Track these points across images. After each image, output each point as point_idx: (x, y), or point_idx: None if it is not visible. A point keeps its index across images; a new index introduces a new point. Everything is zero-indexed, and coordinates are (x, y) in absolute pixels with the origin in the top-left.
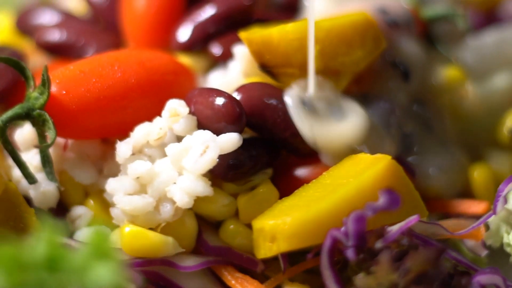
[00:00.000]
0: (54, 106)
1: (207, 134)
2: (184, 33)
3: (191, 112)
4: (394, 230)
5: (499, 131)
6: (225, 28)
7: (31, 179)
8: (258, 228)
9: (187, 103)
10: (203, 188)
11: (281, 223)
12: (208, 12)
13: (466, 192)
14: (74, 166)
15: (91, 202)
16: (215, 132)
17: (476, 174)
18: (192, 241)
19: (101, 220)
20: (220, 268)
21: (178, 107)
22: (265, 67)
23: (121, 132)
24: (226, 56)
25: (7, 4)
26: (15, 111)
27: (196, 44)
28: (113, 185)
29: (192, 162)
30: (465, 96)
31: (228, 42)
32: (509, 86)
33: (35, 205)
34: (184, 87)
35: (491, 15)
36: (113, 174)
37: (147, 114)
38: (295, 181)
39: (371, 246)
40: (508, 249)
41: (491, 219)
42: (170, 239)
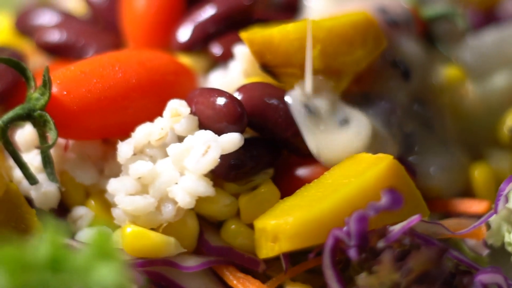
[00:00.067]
0: (55, 107)
1: (209, 134)
2: (184, 33)
3: (192, 112)
4: (396, 229)
5: (499, 130)
6: (225, 28)
7: (32, 180)
8: (260, 228)
9: (188, 103)
10: (205, 188)
11: (283, 223)
12: (208, 12)
13: (466, 191)
14: (75, 167)
15: (92, 203)
16: (216, 132)
17: (477, 173)
18: (193, 241)
19: (102, 221)
20: (222, 268)
21: (179, 107)
22: (266, 67)
23: (122, 133)
24: (227, 56)
25: (6, 5)
26: (16, 112)
27: (196, 44)
28: (114, 185)
29: (194, 162)
30: (465, 95)
31: (229, 42)
32: (509, 85)
33: (36, 205)
34: (184, 87)
35: (490, 14)
36: (114, 174)
37: (148, 115)
38: (296, 181)
39: (373, 246)
40: (509, 248)
41: (492, 218)
42: (171, 239)
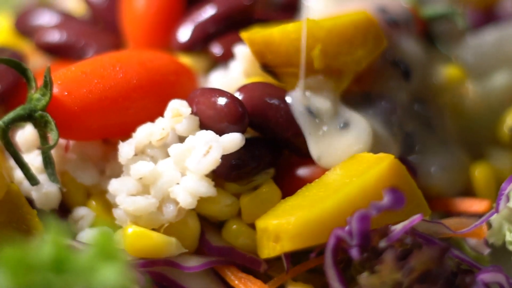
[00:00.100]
0: (56, 107)
1: (210, 134)
2: (184, 33)
3: (193, 113)
4: (398, 229)
5: (499, 129)
6: (225, 28)
7: (33, 180)
8: (262, 228)
9: (189, 103)
10: (206, 188)
11: (285, 223)
12: (208, 12)
13: (467, 190)
14: (76, 167)
15: (93, 203)
16: (217, 132)
17: (477, 172)
18: (195, 241)
19: (104, 221)
20: (223, 268)
21: (180, 108)
22: (267, 67)
23: (123, 133)
24: (227, 56)
25: (5, 5)
26: (17, 112)
27: (197, 44)
28: (115, 185)
29: (195, 162)
30: (465, 94)
31: (229, 42)
32: (509, 84)
33: (37, 206)
34: (185, 87)
35: (490, 13)
36: (115, 175)
37: (148, 115)
38: (297, 180)
39: (375, 245)
40: (510, 247)
41: (494, 217)
42: (173, 239)
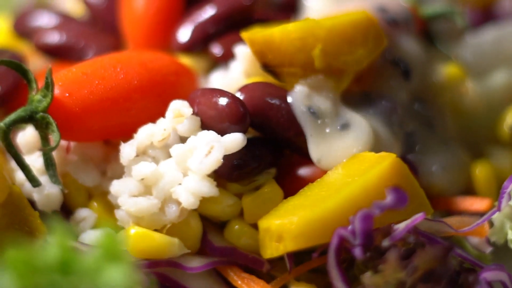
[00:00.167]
0: (57, 109)
1: (212, 134)
2: (184, 33)
3: (195, 113)
4: (401, 228)
5: (499, 128)
6: (225, 28)
7: (35, 182)
8: (265, 228)
9: (190, 103)
10: (208, 188)
11: (287, 223)
12: (208, 12)
13: (468, 189)
14: (77, 169)
15: (94, 205)
16: (219, 133)
17: (478, 171)
18: (197, 242)
19: (106, 222)
20: (226, 268)
21: (181, 108)
22: (267, 67)
23: (124, 134)
24: (227, 57)
25: (4, 7)
26: (18, 114)
27: (197, 44)
28: (117, 186)
29: (197, 162)
30: (465, 93)
31: (229, 42)
32: (508, 83)
33: (39, 208)
34: (186, 87)
35: (488, 12)
36: (117, 176)
37: (149, 115)
38: (299, 180)
39: (378, 245)
40: None
41: (495, 216)
42: (175, 240)
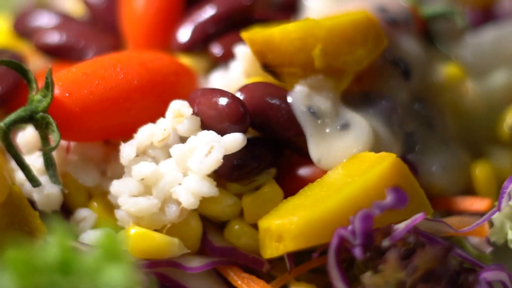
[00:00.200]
0: (57, 109)
1: (212, 134)
2: (184, 33)
3: (195, 113)
4: (401, 228)
5: (499, 128)
6: (225, 28)
7: (35, 182)
8: (265, 228)
9: (190, 103)
10: (208, 188)
11: (287, 223)
12: (208, 12)
13: (468, 189)
14: (77, 169)
15: (94, 205)
16: (219, 133)
17: (478, 171)
18: (197, 242)
19: (106, 222)
20: (226, 268)
21: (182, 108)
22: (267, 67)
23: (124, 134)
24: (227, 57)
25: (4, 7)
26: (18, 114)
27: (197, 44)
28: (117, 186)
29: (197, 162)
30: (465, 93)
31: (229, 43)
32: (508, 83)
33: (39, 208)
34: (186, 87)
35: (488, 12)
36: (116, 176)
37: (149, 115)
38: (299, 180)
39: (378, 245)
40: None
41: (495, 216)
42: (175, 240)
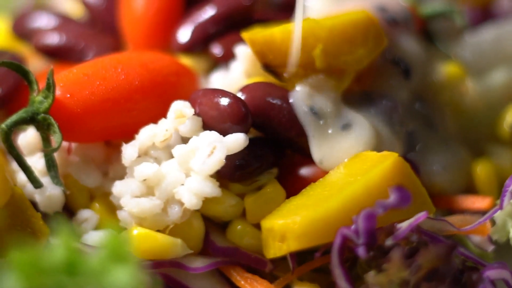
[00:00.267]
0: (59, 110)
1: (214, 134)
2: (184, 34)
3: (196, 113)
4: (404, 227)
5: (499, 126)
6: (225, 28)
7: (36, 183)
8: (268, 228)
9: (192, 104)
10: (211, 189)
11: (290, 223)
12: (208, 12)
13: (469, 188)
14: (79, 170)
15: (96, 206)
16: (220, 133)
17: (479, 169)
18: (199, 242)
19: (108, 223)
20: (229, 268)
21: (183, 108)
22: (268, 67)
23: (126, 135)
24: (227, 57)
25: (2, 8)
26: (20, 115)
27: (197, 45)
28: (119, 187)
29: (200, 163)
30: (465, 92)
31: (229, 43)
32: (507, 82)
33: (41, 209)
34: (187, 88)
35: (487, 11)
36: (118, 176)
37: (151, 116)
38: (301, 180)
39: (381, 244)
40: None
41: (497, 214)
42: (178, 240)
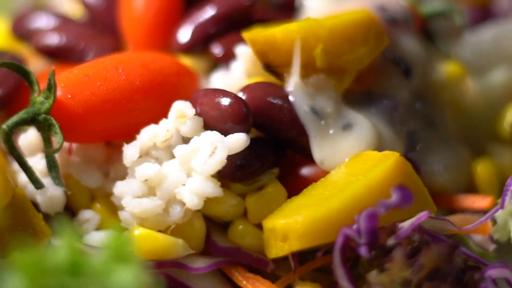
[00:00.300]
0: (60, 110)
1: (215, 134)
2: (184, 34)
3: (197, 113)
4: (406, 226)
5: (500, 125)
6: (225, 28)
7: (38, 184)
8: (269, 228)
9: (193, 104)
10: (213, 189)
11: (292, 222)
12: (208, 12)
13: (469, 187)
14: (80, 170)
15: (98, 206)
16: (221, 133)
17: (479, 169)
18: (201, 242)
19: (110, 224)
20: (230, 268)
21: (184, 109)
22: (269, 67)
23: (127, 135)
24: (228, 57)
25: (2, 9)
26: (21, 116)
27: (197, 45)
28: (121, 188)
29: (201, 163)
30: (465, 91)
31: (229, 43)
32: (507, 81)
33: (42, 210)
34: (187, 88)
35: (486, 10)
36: (119, 177)
37: (151, 116)
38: (302, 180)
39: (383, 243)
40: None
41: (499, 214)
42: (180, 240)
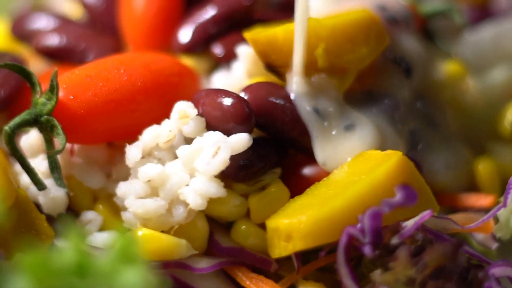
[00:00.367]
0: (62, 111)
1: (218, 135)
2: (185, 34)
3: (200, 114)
4: (409, 225)
5: (500, 124)
6: (225, 28)
7: (40, 185)
8: (273, 228)
9: (195, 104)
10: (216, 189)
11: (296, 222)
12: (208, 13)
13: (471, 186)
14: (82, 171)
15: (100, 207)
16: (224, 133)
17: (481, 167)
18: (204, 242)
19: (113, 225)
20: (234, 269)
21: (186, 109)
22: (271, 67)
23: (129, 136)
24: (229, 57)
25: (1, 10)
26: (23, 117)
27: (198, 45)
28: (124, 188)
29: (204, 163)
30: (466, 90)
31: (230, 43)
32: (507, 79)
33: (45, 211)
34: (189, 88)
35: (486, 9)
36: (122, 178)
37: (153, 117)
38: (304, 179)
39: (386, 242)
40: None
41: (501, 212)
42: (183, 241)
